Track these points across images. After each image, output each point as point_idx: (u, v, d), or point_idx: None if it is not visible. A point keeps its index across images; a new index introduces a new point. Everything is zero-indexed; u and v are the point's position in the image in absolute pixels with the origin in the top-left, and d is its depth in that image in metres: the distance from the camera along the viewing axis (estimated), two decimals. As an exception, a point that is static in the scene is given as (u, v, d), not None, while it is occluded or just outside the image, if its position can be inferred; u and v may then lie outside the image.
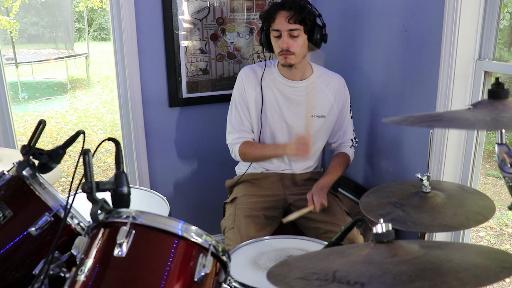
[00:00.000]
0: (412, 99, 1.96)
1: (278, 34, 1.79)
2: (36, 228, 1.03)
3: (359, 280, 0.69)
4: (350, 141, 2.02)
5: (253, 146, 1.92)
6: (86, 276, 0.87)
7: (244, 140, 1.91)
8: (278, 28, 1.78)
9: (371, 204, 1.38)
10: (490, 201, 1.34)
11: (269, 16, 1.80)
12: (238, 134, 1.91)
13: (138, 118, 2.35)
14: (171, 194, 2.52)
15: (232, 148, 1.94)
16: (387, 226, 0.80)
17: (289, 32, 1.77)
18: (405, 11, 1.95)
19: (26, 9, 9.86)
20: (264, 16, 1.83)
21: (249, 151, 1.90)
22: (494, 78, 1.00)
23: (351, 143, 2.02)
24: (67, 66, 8.81)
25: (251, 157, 1.93)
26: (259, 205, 1.88)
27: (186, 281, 0.89)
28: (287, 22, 1.76)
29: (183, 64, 2.36)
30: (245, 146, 1.90)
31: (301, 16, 1.76)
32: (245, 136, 1.91)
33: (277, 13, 1.78)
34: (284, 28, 1.77)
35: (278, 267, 0.84)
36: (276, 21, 1.78)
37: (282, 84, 1.90)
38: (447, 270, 0.70)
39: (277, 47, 1.82)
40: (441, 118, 0.90)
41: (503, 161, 0.90)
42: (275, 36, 1.81)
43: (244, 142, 1.90)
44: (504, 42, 2.97)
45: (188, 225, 0.93)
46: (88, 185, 0.93)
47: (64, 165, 4.60)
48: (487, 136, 2.27)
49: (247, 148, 1.90)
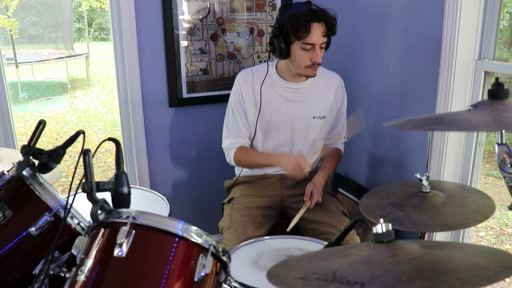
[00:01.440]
0: (412, 99, 1.96)
1: (310, 47, 1.72)
2: (36, 228, 1.03)
3: (359, 280, 0.69)
4: (343, 138, 2.04)
5: (247, 153, 1.91)
6: (86, 276, 0.87)
7: (239, 145, 1.90)
8: (313, 42, 1.70)
9: (370, 205, 1.38)
10: (490, 200, 1.34)
11: (303, 29, 1.69)
12: (234, 139, 1.90)
13: (138, 118, 2.35)
14: (171, 194, 2.52)
15: (227, 152, 1.94)
16: (387, 226, 0.80)
17: (321, 45, 1.73)
18: (405, 11, 1.95)
19: (26, 9, 9.86)
20: (296, 29, 1.69)
21: (244, 158, 1.90)
22: (494, 78, 1.00)
23: (344, 140, 2.05)
24: (67, 66, 8.80)
25: (245, 163, 1.93)
26: (255, 204, 1.88)
27: (186, 281, 0.89)
28: (322, 36, 1.71)
29: (183, 64, 2.36)
30: (240, 153, 1.89)
31: (333, 30, 1.73)
32: (241, 142, 1.91)
33: (311, 26, 1.69)
34: (319, 42, 1.71)
35: (278, 267, 0.84)
36: (312, 34, 1.69)
37: (282, 87, 1.88)
38: (447, 270, 0.70)
39: (307, 60, 1.74)
40: (442, 120, 0.90)
41: (503, 161, 0.90)
42: (306, 49, 1.72)
43: (239, 147, 1.90)
44: (504, 42, 2.97)
45: (188, 225, 0.93)
46: (88, 185, 0.93)
47: (64, 165, 4.60)
48: (487, 136, 2.27)
49: (242, 154, 1.89)
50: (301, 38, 1.70)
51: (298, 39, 1.71)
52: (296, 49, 1.74)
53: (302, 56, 1.74)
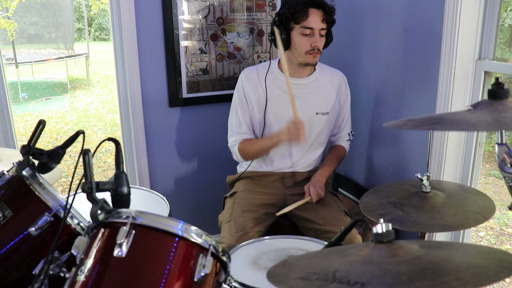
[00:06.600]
0: (412, 99, 1.96)
1: (310, 32, 1.76)
2: (36, 228, 1.03)
3: (359, 280, 0.69)
4: (347, 135, 2.05)
5: (250, 142, 1.92)
6: (86, 276, 0.87)
7: (241, 140, 1.92)
8: (312, 26, 1.75)
9: (371, 204, 1.38)
10: (490, 200, 1.34)
11: (300, 12, 1.74)
12: (236, 136, 1.93)
13: (138, 118, 2.35)
14: (171, 194, 2.52)
15: (232, 149, 1.96)
16: (387, 226, 0.80)
17: (320, 31, 1.77)
18: (405, 11, 1.95)
19: (26, 9, 9.85)
20: (293, 12, 1.75)
21: (248, 147, 1.91)
22: (494, 78, 1.00)
23: (348, 137, 2.05)
24: (67, 66, 8.80)
25: (251, 153, 1.92)
26: (258, 200, 1.90)
27: (186, 281, 0.89)
28: (320, 22, 1.75)
29: (183, 64, 2.36)
30: (243, 144, 1.91)
31: (331, 17, 1.77)
32: (243, 138, 1.92)
33: (309, 10, 1.75)
34: (318, 27, 1.76)
35: (278, 267, 0.84)
36: (310, 18, 1.75)
37: (284, 82, 1.89)
38: (447, 270, 0.70)
39: (306, 45, 1.78)
40: (442, 120, 0.90)
41: (503, 161, 0.90)
42: (305, 34, 1.77)
43: (241, 141, 1.92)
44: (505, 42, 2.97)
45: (188, 225, 0.93)
46: (88, 185, 0.93)
47: (64, 165, 4.60)
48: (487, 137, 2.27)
49: (245, 145, 1.91)
50: (300, 21, 1.75)
51: (297, 22, 1.76)
52: (296, 35, 1.79)
53: (302, 42, 1.78)
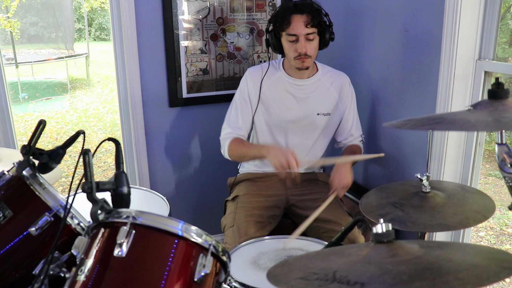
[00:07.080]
0: (412, 99, 1.96)
1: (295, 38, 1.77)
2: (36, 228, 1.03)
3: (359, 280, 0.69)
4: (359, 136, 2.02)
5: (241, 143, 1.90)
6: (86, 276, 0.87)
7: (235, 136, 1.91)
8: (295, 33, 1.76)
9: (370, 205, 1.38)
10: (490, 200, 1.34)
11: (284, 20, 1.76)
12: (231, 129, 1.91)
13: (138, 118, 2.35)
14: (171, 194, 2.52)
15: (223, 142, 1.94)
16: (387, 226, 0.80)
17: (306, 36, 1.76)
18: (405, 11, 1.95)
19: (26, 9, 9.86)
20: (277, 21, 1.78)
21: (236, 148, 1.89)
22: (494, 78, 1.00)
23: (361, 138, 2.03)
24: (67, 66, 8.80)
25: (237, 154, 1.90)
26: (260, 204, 1.88)
27: (186, 281, 0.89)
28: (304, 27, 1.75)
29: (183, 64, 2.36)
30: (235, 143, 1.89)
31: (317, 20, 1.76)
32: (237, 133, 1.91)
33: (292, 17, 1.75)
34: (301, 33, 1.75)
35: (278, 267, 0.84)
36: (292, 25, 1.75)
37: (287, 83, 1.90)
38: (447, 270, 0.70)
39: (293, 52, 1.79)
40: (442, 120, 0.90)
41: (503, 161, 0.90)
42: (291, 40, 1.78)
43: (235, 138, 1.90)
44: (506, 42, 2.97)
45: (188, 225, 0.93)
46: (88, 185, 0.93)
47: (64, 165, 4.60)
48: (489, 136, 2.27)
49: (236, 144, 1.89)
50: (285, 29, 1.78)
51: (282, 30, 1.79)
52: (284, 42, 1.82)
53: (290, 48, 1.81)
